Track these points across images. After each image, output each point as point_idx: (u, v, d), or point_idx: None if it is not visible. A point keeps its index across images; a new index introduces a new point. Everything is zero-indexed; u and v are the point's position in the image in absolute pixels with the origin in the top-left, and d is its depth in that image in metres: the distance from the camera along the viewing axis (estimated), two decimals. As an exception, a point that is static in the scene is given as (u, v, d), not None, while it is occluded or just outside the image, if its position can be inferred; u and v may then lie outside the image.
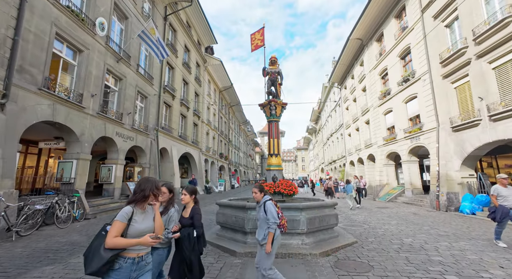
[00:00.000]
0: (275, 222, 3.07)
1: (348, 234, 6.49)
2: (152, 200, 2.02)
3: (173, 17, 17.46)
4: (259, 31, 8.46)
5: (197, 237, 2.82)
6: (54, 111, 7.70)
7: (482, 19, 9.55)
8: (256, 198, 3.31)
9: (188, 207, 2.96)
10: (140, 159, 13.87)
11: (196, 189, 3.08)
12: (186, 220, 2.86)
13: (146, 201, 1.99)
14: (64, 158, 8.89)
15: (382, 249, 5.26)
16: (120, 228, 1.82)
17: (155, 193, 2.01)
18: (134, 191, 2.01)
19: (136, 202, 1.96)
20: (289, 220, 5.28)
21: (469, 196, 9.98)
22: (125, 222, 1.84)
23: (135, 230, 1.88)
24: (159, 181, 2.12)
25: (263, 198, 3.31)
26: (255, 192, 3.33)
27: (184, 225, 2.83)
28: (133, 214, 1.91)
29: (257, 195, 3.32)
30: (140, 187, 1.99)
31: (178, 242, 2.80)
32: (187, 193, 2.96)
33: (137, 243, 1.83)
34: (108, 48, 10.48)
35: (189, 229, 2.80)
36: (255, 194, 3.32)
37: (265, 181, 7.26)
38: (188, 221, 2.85)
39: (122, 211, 1.88)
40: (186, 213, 2.93)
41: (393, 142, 16.02)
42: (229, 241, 5.64)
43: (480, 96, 9.61)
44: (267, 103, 7.49)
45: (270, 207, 3.15)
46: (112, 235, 1.77)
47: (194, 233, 2.81)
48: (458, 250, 5.11)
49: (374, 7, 16.52)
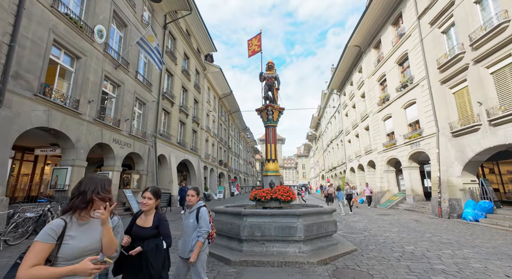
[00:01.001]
0: (208, 231, 2.79)
1: (347, 241, 6.30)
2: (99, 206, 1.48)
3: (172, 25, 17.69)
4: (256, 37, 8.48)
5: (167, 249, 2.40)
6: (49, 117, 7.64)
7: (478, 25, 9.60)
8: (191, 202, 2.95)
9: (150, 213, 2.41)
10: (137, 165, 13.74)
11: (160, 191, 2.54)
12: (148, 230, 2.32)
13: (89, 208, 1.46)
14: (59, 165, 8.78)
15: (382, 257, 5.08)
16: (42, 252, 1.27)
17: (102, 196, 1.48)
18: (71, 194, 1.50)
19: (74, 210, 1.44)
20: (286, 227, 5.13)
21: (472, 202, 9.78)
22: (50, 242, 1.30)
23: (71, 250, 1.35)
24: (109, 180, 1.62)
25: (197, 202, 2.97)
26: (192, 195, 2.94)
27: (146, 237, 2.30)
28: (65, 229, 1.37)
29: (194, 198, 2.94)
30: (79, 189, 1.47)
31: (137, 261, 2.21)
32: (152, 196, 2.38)
33: (69, 272, 1.25)
34: (106, 55, 10.52)
35: (155, 240, 2.32)
36: (192, 197, 2.94)
37: (262, 186, 7.11)
38: (152, 231, 2.32)
39: (46, 226, 1.36)
40: (148, 221, 2.37)
41: (393, 147, 15.90)
42: (224, 249, 5.47)
43: (479, 101, 9.55)
44: (264, 108, 7.42)
45: (205, 214, 2.86)
46: (28, 263, 1.21)
47: (164, 245, 2.35)
48: (461, 258, 4.92)
49: (371, 15, 16.72)
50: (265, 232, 5.16)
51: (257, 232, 5.19)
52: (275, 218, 5.29)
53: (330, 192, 15.65)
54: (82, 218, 1.47)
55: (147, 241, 2.29)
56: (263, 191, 6.59)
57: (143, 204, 2.37)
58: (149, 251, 2.24)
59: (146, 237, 2.30)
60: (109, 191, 1.55)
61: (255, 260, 4.69)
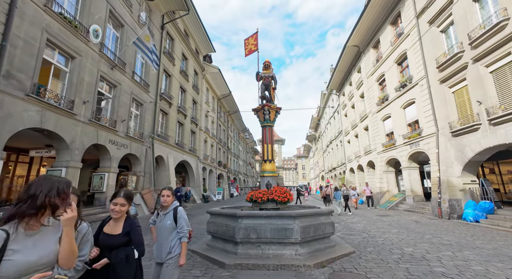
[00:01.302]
0: (189, 230, 2.70)
1: (345, 243, 6.17)
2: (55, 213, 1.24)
3: (170, 25, 17.61)
4: (252, 36, 8.38)
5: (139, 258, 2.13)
6: (42, 117, 7.52)
7: (478, 23, 9.50)
8: (166, 202, 2.77)
9: (120, 220, 2.11)
10: (134, 167, 13.62)
11: (132, 194, 2.28)
12: (117, 238, 2.04)
13: (40, 215, 1.23)
14: (53, 166, 8.65)
15: (381, 259, 4.95)
16: None
17: (57, 201, 1.24)
18: (17, 199, 1.25)
19: (20, 217, 1.19)
20: (282, 229, 5.01)
21: (472, 203, 9.65)
22: None
23: (15, 267, 1.11)
24: (68, 182, 1.37)
25: (172, 203, 2.82)
26: (167, 195, 2.77)
27: (115, 246, 2.01)
28: (7, 241, 1.13)
29: (169, 198, 2.78)
30: (28, 192, 1.22)
31: (102, 275, 1.91)
32: (126, 202, 2.11)
33: None
34: (102, 55, 10.42)
35: (126, 249, 2.04)
36: (167, 197, 2.78)
37: (259, 187, 6.99)
38: (121, 239, 2.04)
39: None
40: (117, 227, 2.09)
41: (393, 148, 15.78)
42: (219, 252, 5.34)
43: (479, 100, 9.44)
44: (260, 108, 7.31)
45: (183, 214, 2.75)
46: None
47: (135, 254, 2.06)
48: (462, 260, 4.80)
49: (370, 15, 16.64)
50: (260, 234, 5.04)
51: (252, 234, 5.07)
52: (271, 220, 5.17)
53: (328, 192, 15.58)
54: (30, 227, 1.21)
55: (116, 251, 2.00)
56: (260, 192, 6.48)
57: (115, 212, 2.06)
58: (118, 263, 1.96)
59: (115, 246, 2.02)
60: (67, 194, 1.30)
61: (250, 263, 4.57)
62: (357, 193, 15.75)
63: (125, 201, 2.11)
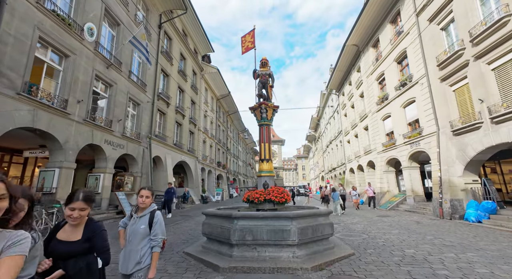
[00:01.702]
0: (164, 239, 2.35)
1: (345, 244, 5.99)
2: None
3: (168, 25, 17.47)
4: (249, 33, 8.22)
5: (102, 268, 1.81)
6: (34, 117, 7.35)
7: (479, 20, 9.34)
8: (144, 204, 2.40)
9: (79, 224, 1.77)
10: (131, 167, 13.44)
11: (93, 195, 1.94)
12: (75, 245, 1.71)
13: None
14: (46, 167, 8.48)
15: (381, 261, 4.77)
16: None
17: None
18: None
19: None
20: (278, 230, 4.83)
21: (474, 203, 9.46)
22: None
23: None
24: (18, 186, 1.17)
25: (150, 205, 2.46)
26: (146, 196, 2.40)
27: (72, 254, 1.68)
28: None
29: (148, 200, 2.41)
30: None
31: None
32: (86, 205, 1.75)
33: None
34: (97, 54, 10.26)
35: (86, 258, 1.72)
36: (146, 198, 2.40)
37: (256, 187, 6.82)
38: (80, 246, 1.71)
39: None
40: (75, 233, 1.74)
41: (393, 147, 15.61)
42: (214, 254, 5.16)
43: (480, 98, 9.26)
44: (257, 106, 7.14)
45: (161, 219, 2.39)
46: None
47: (99, 263, 1.76)
48: (465, 263, 4.61)
49: (369, 13, 16.50)
50: (257, 235, 4.86)
51: (248, 236, 4.89)
52: (268, 221, 4.99)
53: (326, 193, 15.41)
54: None
55: (74, 260, 1.68)
56: (256, 192, 6.30)
57: (73, 219, 1.69)
58: (76, 274, 1.64)
59: (72, 255, 1.68)
60: None
61: (245, 266, 4.39)
62: (358, 193, 15.47)
63: (85, 204, 1.73)
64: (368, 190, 15.57)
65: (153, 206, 2.49)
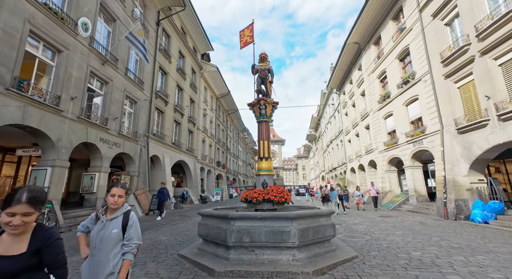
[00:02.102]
0: (139, 244, 2.05)
1: (347, 246, 5.72)
2: None
3: (167, 22, 17.20)
4: (248, 27, 7.94)
5: None
6: (25, 114, 7.08)
7: (485, 14, 9.05)
8: (116, 204, 2.04)
9: (23, 233, 1.37)
10: (128, 166, 13.17)
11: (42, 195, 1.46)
12: (18, 260, 1.31)
13: None
14: (38, 165, 8.20)
15: (387, 265, 4.49)
16: None
17: None
18: None
19: None
20: (278, 232, 4.55)
21: (480, 203, 9.17)
22: None
23: None
24: None
25: (124, 205, 2.14)
26: (119, 195, 2.06)
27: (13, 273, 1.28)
28: None
29: (121, 199, 2.08)
30: None
31: None
32: (31, 208, 1.34)
33: None
34: (92, 50, 9.99)
35: (35, 275, 1.36)
36: (119, 198, 2.06)
37: (255, 187, 6.54)
38: (25, 262, 1.32)
39: None
40: (17, 244, 1.34)
41: (395, 146, 15.32)
42: (210, 257, 4.89)
43: (487, 95, 8.97)
44: (256, 102, 6.86)
45: (137, 222, 2.09)
46: None
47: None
48: (477, 267, 4.33)
49: (370, 10, 16.21)
50: (254, 237, 4.58)
51: (245, 237, 4.61)
52: (266, 222, 4.72)
53: (327, 192, 15.13)
54: None
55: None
56: (255, 192, 6.02)
57: (15, 227, 1.30)
58: None
59: (14, 274, 1.28)
60: None
61: (242, 270, 4.12)
62: (361, 193, 15.02)
63: (30, 207, 1.33)
64: (371, 189, 15.04)
65: (126, 206, 2.16)
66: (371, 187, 15.37)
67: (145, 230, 8.31)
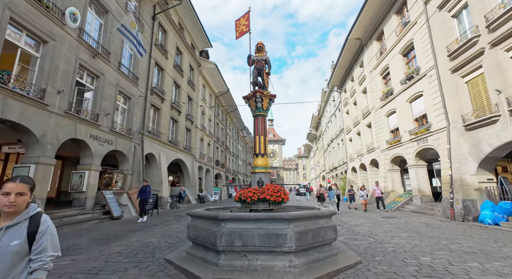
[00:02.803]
0: (57, 256, 1.52)
1: (350, 250, 5.24)
2: None
3: (163, 17, 16.72)
4: (244, 16, 7.47)
5: None
6: (4, 107, 6.61)
7: (496, 3, 8.54)
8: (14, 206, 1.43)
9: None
10: (121, 165, 12.70)
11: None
12: None
13: None
14: (21, 162, 7.74)
15: (394, 272, 4.01)
16: None
17: None
18: None
19: None
20: (273, 235, 4.08)
21: (490, 203, 8.67)
22: None
23: None
24: None
25: (30, 206, 1.54)
26: (19, 193, 1.45)
27: None
28: None
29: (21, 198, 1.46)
30: None
31: None
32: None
33: None
34: (81, 42, 9.52)
35: None
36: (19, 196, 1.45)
37: (250, 185, 6.07)
38: None
39: None
40: None
41: (398, 145, 14.81)
42: (198, 263, 4.42)
43: (498, 89, 8.47)
44: (252, 95, 6.38)
45: (52, 227, 1.55)
46: None
47: None
48: (496, 275, 3.84)
49: (372, 4, 15.71)
50: (247, 241, 4.11)
51: (237, 241, 4.14)
52: (260, 224, 4.24)
53: (322, 192, 14.69)
54: None
55: None
56: (249, 191, 5.55)
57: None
58: None
59: None
60: None
61: (232, 278, 3.65)
62: (366, 193, 14.09)
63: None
64: (376, 189, 14.09)
65: (34, 207, 1.56)
66: (375, 187, 14.33)
67: (135, 232, 7.85)
